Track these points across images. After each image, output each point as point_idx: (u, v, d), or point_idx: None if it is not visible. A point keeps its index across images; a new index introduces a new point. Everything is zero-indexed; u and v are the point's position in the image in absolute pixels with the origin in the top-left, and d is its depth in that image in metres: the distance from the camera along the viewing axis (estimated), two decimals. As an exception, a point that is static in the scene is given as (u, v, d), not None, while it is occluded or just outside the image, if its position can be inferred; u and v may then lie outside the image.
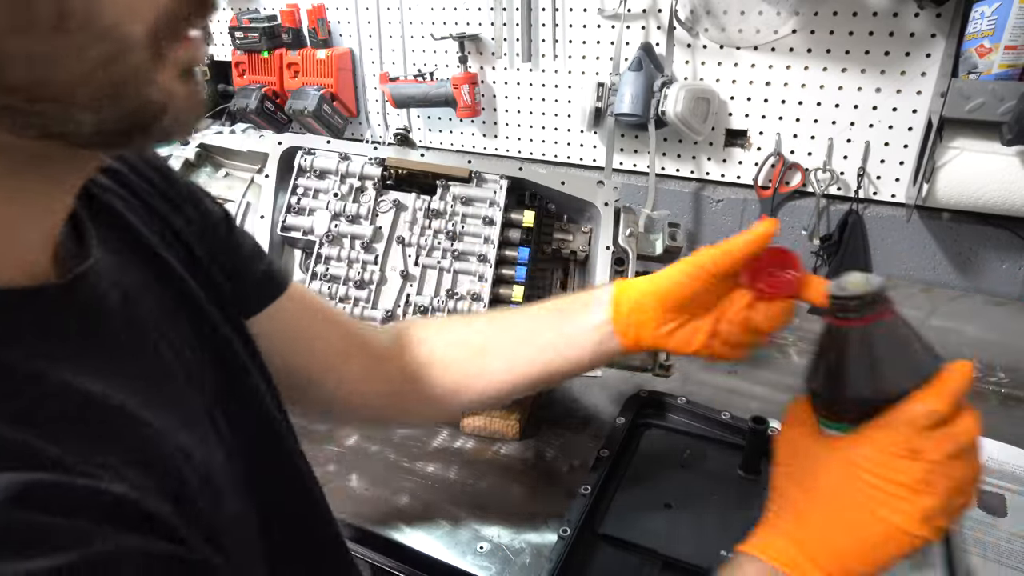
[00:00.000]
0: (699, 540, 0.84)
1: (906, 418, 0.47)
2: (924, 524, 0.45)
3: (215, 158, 1.13)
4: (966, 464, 0.47)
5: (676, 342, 0.62)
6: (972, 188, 1.07)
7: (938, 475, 0.45)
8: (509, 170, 1.03)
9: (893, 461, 0.46)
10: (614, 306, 0.62)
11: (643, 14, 1.31)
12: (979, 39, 0.98)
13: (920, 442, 0.46)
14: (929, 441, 0.46)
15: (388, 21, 1.59)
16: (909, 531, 0.46)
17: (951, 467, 0.46)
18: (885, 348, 0.50)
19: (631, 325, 0.62)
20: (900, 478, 0.46)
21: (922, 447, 0.46)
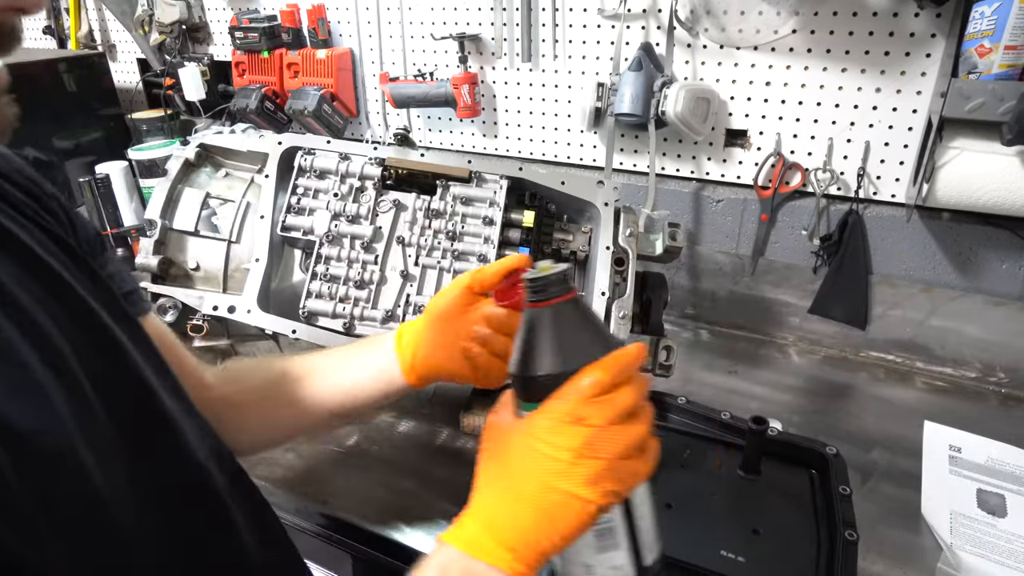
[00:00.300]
0: (699, 540, 0.84)
1: (574, 388, 0.51)
2: (591, 487, 0.49)
3: (215, 158, 1.13)
4: (629, 430, 0.51)
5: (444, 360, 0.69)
6: (972, 188, 1.07)
7: (602, 440, 0.49)
8: (509, 170, 1.03)
9: (561, 428, 0.50)
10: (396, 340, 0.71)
11: (643, 14, 1.31)
12: (979, 39, 0.98)
13: (585, 410, 0.50)
14: (592, 408, 0.50)
15: (388, 21, 1.59)
16: (578, 495, 0.49)
17: (614, 432, 0.50)
18: (564, 328, 0.54)
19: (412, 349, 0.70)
20: (566, 443, 0.49)
21: (586, 414, 0.50)
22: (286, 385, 0.72)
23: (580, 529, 0.51)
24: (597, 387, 0.51)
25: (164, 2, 1.79)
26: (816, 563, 0.81)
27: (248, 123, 1.64)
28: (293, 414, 0.72)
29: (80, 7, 2.09)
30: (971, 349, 1.23)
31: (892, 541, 0.88)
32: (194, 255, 1.07)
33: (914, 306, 1.26)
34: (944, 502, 0.92)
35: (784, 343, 1.39)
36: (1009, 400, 1.20)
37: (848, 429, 1.10)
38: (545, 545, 0.50)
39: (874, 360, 1.31)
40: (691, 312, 1.48)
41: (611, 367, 0.51)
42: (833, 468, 0.94)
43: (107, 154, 1.80)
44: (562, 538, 0.50)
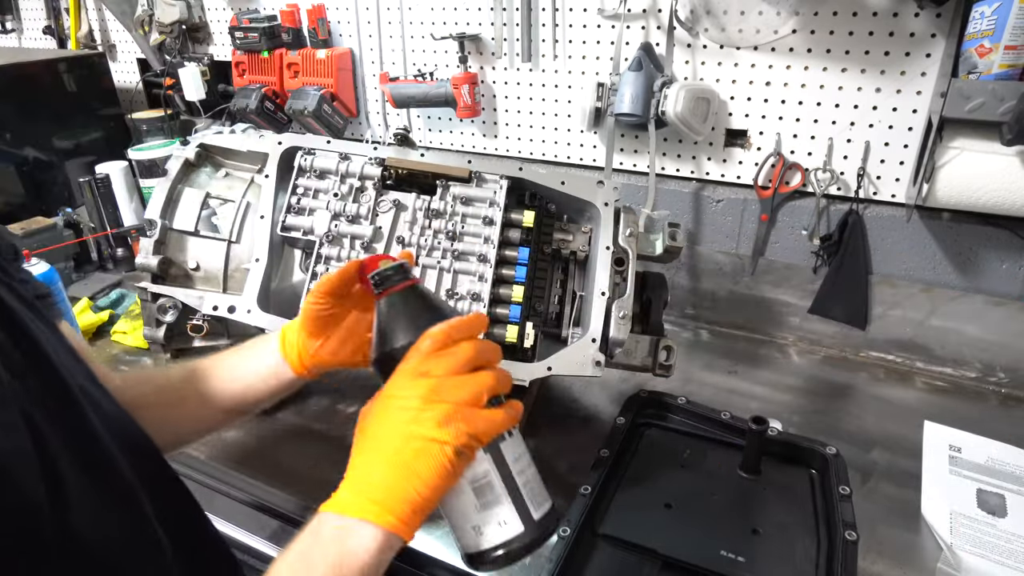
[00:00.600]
0: (699, 540, 0.84)
1: (415, 349, 0.59)
2: (441, 428, 0.54)
3: (215, 158, 1.13)
4: (474, 378, 0.57)
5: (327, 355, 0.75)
6: (972, 188, 1.07)
7: (446, 386, 0.56)
8: (509, 170, 1.03)
9: (408, 382, 0.57)
10: (280, 339, 0.76)
11: (643, 14, 1.31)
12: (979, 39, 0.98)
13: (427, 365, 0.57)
14: (433, 362, 0.57)
15: (388, 21, 1.59)
16: (431, 436, 0.54)
17: (457, 380, 0.57)
18: (406, 310, 0.63)
19: (293, 350, 0.75)
20: (415, 393, 0.56)
21: (429, 368, 0.57)
22: (182, 388, 0.76)
23: (442, 474, 0.54)
24: (435, 344, 0.58)
25: (164, 2, 1.79)
26: (816, 563, 0.81)
27: (248, 123, 1.64)
28: (189, 415, 0.77)
29: (80, 7, 2.09)
30: (971, 349, 1.23)
31: (892, 541, 0.88)
32: (194, 255, 1.07)
33: (914, 306, 1.26)
34: (944, 502, 0.92)
35: (784, 343, 1.39)
36: (1009, 400, 1.20)
37: (848, 429, 1.10)
38: (413, 495, 0.53)
39: (874, 360, 1.31)
40: (691, 312, 1.48)
41: (446, 327, 0.59)
42: (833, 468, 0.94)
43: (107, 154, 1.80)
44: (427, 486, 0.54)
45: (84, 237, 1.64)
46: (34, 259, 1.13)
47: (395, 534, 0.53)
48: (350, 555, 0.52)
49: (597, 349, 0.93)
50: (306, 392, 1.18)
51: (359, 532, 0.53)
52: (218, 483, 1.02)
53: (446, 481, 0.55)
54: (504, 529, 0.60)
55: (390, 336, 0.62)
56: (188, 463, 1.05)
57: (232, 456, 1.04)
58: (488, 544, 0.60)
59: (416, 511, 0.54)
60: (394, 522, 0.53)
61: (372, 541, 0.53)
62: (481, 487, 0.59)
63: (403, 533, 0.54)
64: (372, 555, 0.52)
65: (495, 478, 0.60)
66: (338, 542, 0.53)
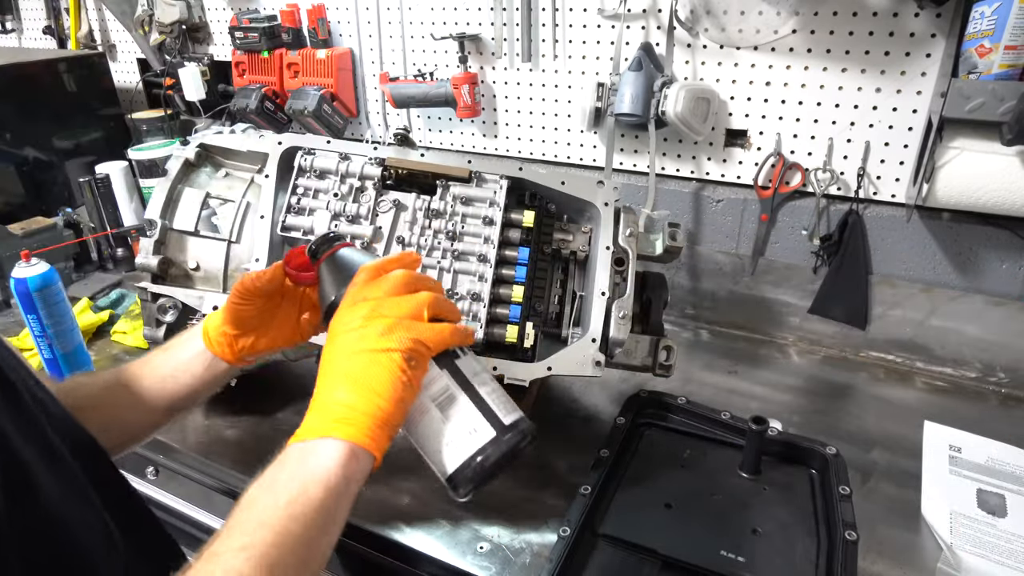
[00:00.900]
0: (699, 540, 0.84)
1: (353, 283, 0.64)
2: (386, 337, 0.57)
3: (215, 158, 1.13)
4: (411, 296, 0.61)
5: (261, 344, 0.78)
6: (972, 188, 1.07)
7: (384, 305, 0.60)
8: (509, 170, 1.03)
9: (350, 310, 0.61)
10: (203, 335, 0.77)
11: (643, 14, 1.31)
12: (979, 39, 0.98)
13: (364, 292, 0.62)
14: (370, 288, 0.62)
15: (388, 21, 1.59)
16: (377, 347, 0.57)
17: (394, 299, 0.61)
18: (342, 267, 0.68)
19: (222, 344, 0.77)
20: (357, 315, 0.60)
21: (366, 294, 0.61)
22: (111, 395, 0.76)
23: (395, 382, 0.56)
24: (368, 274, 0.63)
25: (164, 2, 1.79)
26: (816, 563, 0.81)
27: (248, 123, 1.64)
28: (123, 419, 0.77)
29: (80, 7, 2.09)
30: (971, 349, 1.23)
31: (892, 541, 0.88)
32: (194, 255, 1.07)
33: (914, 306, 1.26)
34: (944, 502, 0.92)
35: (784, 343, 1.39)
36: (1009, 400, 1.20)
37: (848, 429, 1.10)
38: (371, 407, 0.55)
39: (874, 360, 1.31)
40: (691, 312, 1.48)
41: (377, 261, 0.65)
42: (833, 468, 0.94)
43: (107, 154, 1.80)
44: (383, 396, 0.55)
45: (84, 237, 1.64)
46: (34, 259, 1.13)
47: (358, 446, 0.54)
48: (313, 471, 0.53)
49: (597, 349, 0.93)
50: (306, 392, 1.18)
51: (320, 449, 0.54)
52: (218, 483, 1.02)
53: (402, 390, 0.56)
54: (476, 436, 0.60)
55: (331, 291, 0.67)
56: (188, 463, 1.05)
57: (232, 456, 1.04)
58: (464, 456, 0.60)
59: (378, 423, 0.55)
60: (355, 433, 0.54)
61: (335, 453, 0.53)
62: (444, 401, 0.61)
63: (367, 446, 0.54)
64: (336, 467, 0.53)
65: (456, 390, 0.61)
66: (300, 461, 0.54)
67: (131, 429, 0.78)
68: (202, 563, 0.48)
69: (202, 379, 0.78)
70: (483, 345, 0.97)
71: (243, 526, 0.51)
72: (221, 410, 1.14)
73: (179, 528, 1.10)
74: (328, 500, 0.52)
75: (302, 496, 0.52)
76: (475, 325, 0.95)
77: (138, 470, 1.13)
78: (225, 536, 0.50)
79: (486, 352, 0.96)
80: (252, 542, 0.49)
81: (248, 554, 0.48)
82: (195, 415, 1.12)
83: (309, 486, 0.52)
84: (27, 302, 1.12)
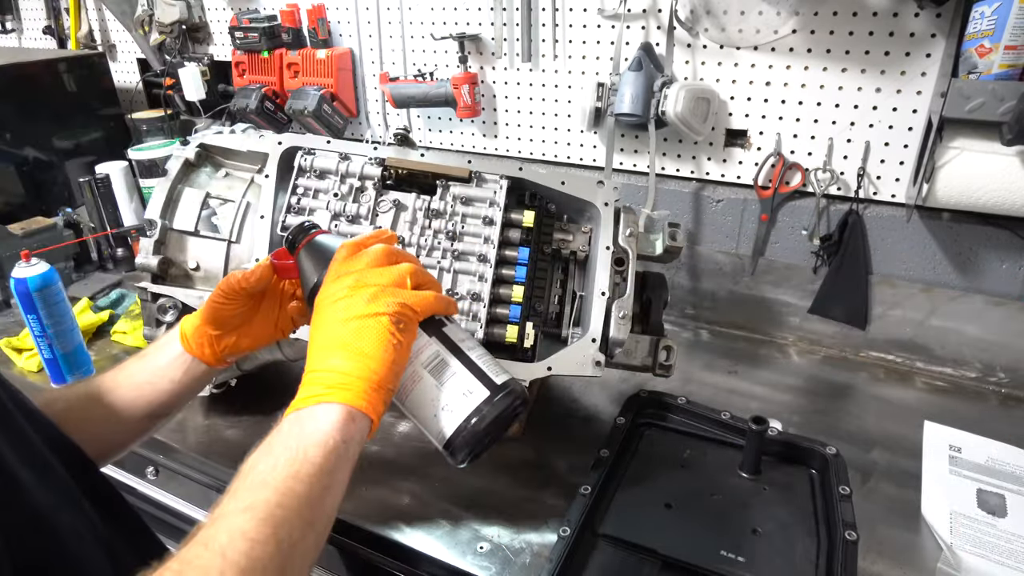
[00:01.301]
0: (699, 540, 0.84)
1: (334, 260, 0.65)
2: (373, 303, 0.59)
3: (215, 158, 1.13)
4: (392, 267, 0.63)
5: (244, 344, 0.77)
6: (972, 188, 1.07)
7: (368, 275, 0.61)
8: (509, 170, 1.03)
9: (334, 283, 0.62)
10: (181, 339, 0.76)
11: (643, 14, 1.31)
12: (979, 39, 0.98)
13: (346, 266, 0.63)
14: (351, 263, 0.63)
15: (388, 21, 1.59)
16: (365, 313, 0.58)
17: (376, 270, 0.62)
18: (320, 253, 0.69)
19: (202, 346, 0.76)
20: (343, 285, 0.61)
21: (349, 268, 0.63)
22: (91, 404, 0.75)
23: (386, 344, 0.57)
24: (348, 250, 0.65)
25: (164, 2, 1.79)
26: (816, 563, 0.81)
27: (248, 123, 1.64)
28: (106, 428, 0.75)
29: (80, 7, 2.09)
30: (971, 349, 1.23)
31: (892, 541, 0.88)
32: (194, 255, 1.07)
33: (914, 306, 1.26)
34: (944, 502, 0.92)
35: (784, 343, 1.39)
36: (1009, 400, 1.20)
37: (848, 429, 1.10)
38: (365, 371, 0.56)
39: (874, 360, 1.31)
40: (691, 312, 1.48)
41: (356, 238, 0.67)
42: (833, 468, 0.94)
43: (107, 154, 1.80)
44: (375, 359, 0.56)
45: (84, 237, 1.64)
46: (34, 259, 1.13)
47: (355, 408, 0.54)
48: (311, 435, 0.53)
49: (597, 349, 0.93)
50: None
51: (317, 414, 0.54)
52: (218, 483, 1.02)
53: (393, 352, 0.57)
54: (470, 398, 0.61)
55: (313, 274, 0.68)
56: (188, 463, 1.05)
57: (232, 456, 1.03)
58: (460, 418, 0.61)
59: (372, 386, 0.56)
60: (350, 396, 0.54)
61: (332, 416, 0.54)
62: (436, 366, 0.62)
63: (363, 408, 0.55)
64: (333, 430, 0.53)
65: (447, 355, 0.63)
66: (298, 427, 0.54)
67: (109, 440, 0.76)
68: (207, 526, 0.48)
69: (181, 383, 0.76)
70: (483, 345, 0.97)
71: (245, 489, 0.51)
72: (221, 410, 1.14)
73: (179, 528, 1.10)
74: (328, 462, 0.53)
75: (302, 458, 0.52)
76: (475, 325, 0.95)
77: (138, 470, 1.13)
78: (228, 499, 0.50)
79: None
80: (255, 502, 0.49)
81: (252, 514, 0.48)
82: (195, 415, 1.13)
83: (308, 448, 0.53)
84: (27, 302, 1.12)
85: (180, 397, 0.78)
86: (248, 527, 0.47)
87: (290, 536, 0.49)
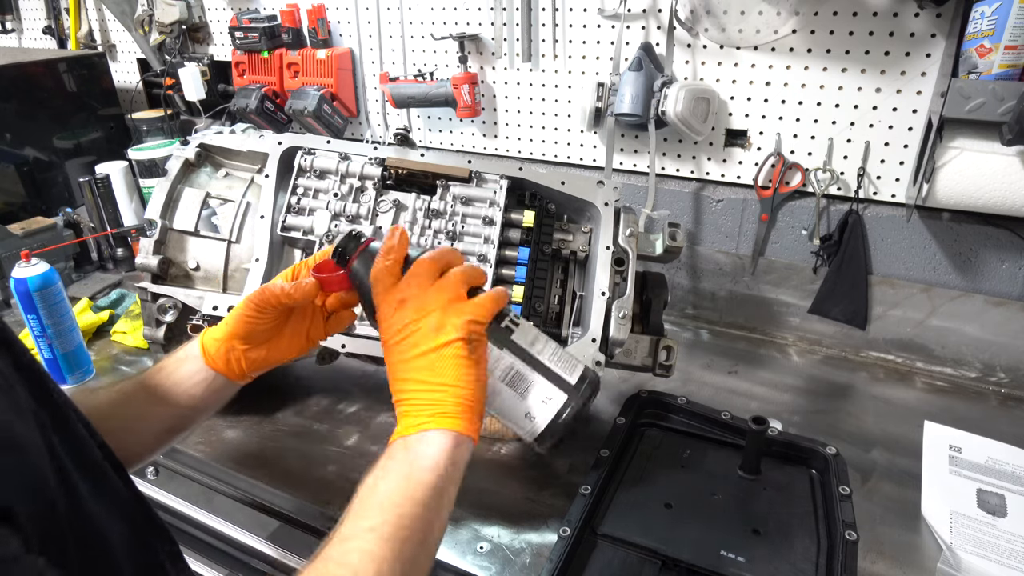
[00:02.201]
0: (699, 540, 0.84)
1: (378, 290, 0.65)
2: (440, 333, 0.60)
3: (215, 158, 1.13)
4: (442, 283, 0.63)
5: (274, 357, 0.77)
6: (972, 188, 1.07)
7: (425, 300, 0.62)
8: (509, 170, 1.03)
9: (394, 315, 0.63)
10: (203, 355, 0.74)
11: (643, 14, 1.31)
12: (979, 39, 0.98)
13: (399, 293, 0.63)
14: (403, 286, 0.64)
15: (388, 21, 1.59)
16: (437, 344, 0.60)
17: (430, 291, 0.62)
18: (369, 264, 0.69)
19: (229, 361, 0.74)
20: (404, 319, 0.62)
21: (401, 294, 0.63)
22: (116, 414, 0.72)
23: (466, 366, 0.60)
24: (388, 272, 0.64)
25: (164, 2, 1.79)
26: (816, 563, 0.81)
27: (248, 123, 1.64)
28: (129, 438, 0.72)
29: (80, 7, 2.09)
30: (971, 349, 1.23)
31: (892, 541, 0.88)
32: (194, 255, 1.07)
33: (914, 306, 1.26)
34: (944, 502, 0.92)
35: (784, 343, 1.39)
36: (1009, 400, 1.20)
37: (848, 429, 1.10)
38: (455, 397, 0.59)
39: (874, 360, 1.31)
40: (691, 312, 1.48)
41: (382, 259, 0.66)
42: (833, 468, 0.94)
43: (107, 154, 1.80)
44: (461, 383, 0.59)
45: (84, 237, 1.64)
46: (34, 259, 1.13)
47: (458, 432, 0.58)
48: (422, 459, 0.57)
49: (597, 349, 0.93)
50: (306, 392, 1.18)
51: (425, 439, 0.58)
52: (218, 483, 1.02)
53: (474, 370, 0.60)
54: (550, 404, 0.66)
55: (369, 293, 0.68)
56: (188, 463, 1.05)
57: (232, 456, 1.04)
58: (544, 422, 0.66)
59: (466, 408, 0.59)
60: (450, 423, 0.58)
61: (439, 442, 0.58)
62: (513, 379, 0.66)
63: (464, 429, 0.59)
64: (442, 454, 0.57)
65: (520, 366, 0.66)
66: (406, 452, 0.58)
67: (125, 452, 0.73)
68: (334, 546, 0.52)
69: (203, 399, 0.75)
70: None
71: (367, 510, 0.55)
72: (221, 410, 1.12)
73: (179, 528, 1.10)
74: (439, 483, 0.57)
75: (416, 481, 0.56)
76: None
77: (138, 470, 1.13)
78: (351, 520, 0.54)
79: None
80: (377, 523, 0.53)
81: (377, 534, 0.52)
82: (195, 415, 1.12)
83: (422, 472, 0.56)
84: (27, 302, 1.12)
85: (201, 412, 0.77)
86: (375, 547, 0.51)
87: (412, 553, 0.53)
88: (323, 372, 1.20)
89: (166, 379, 0.75)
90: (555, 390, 0.66)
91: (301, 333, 0.78)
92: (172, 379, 0.75)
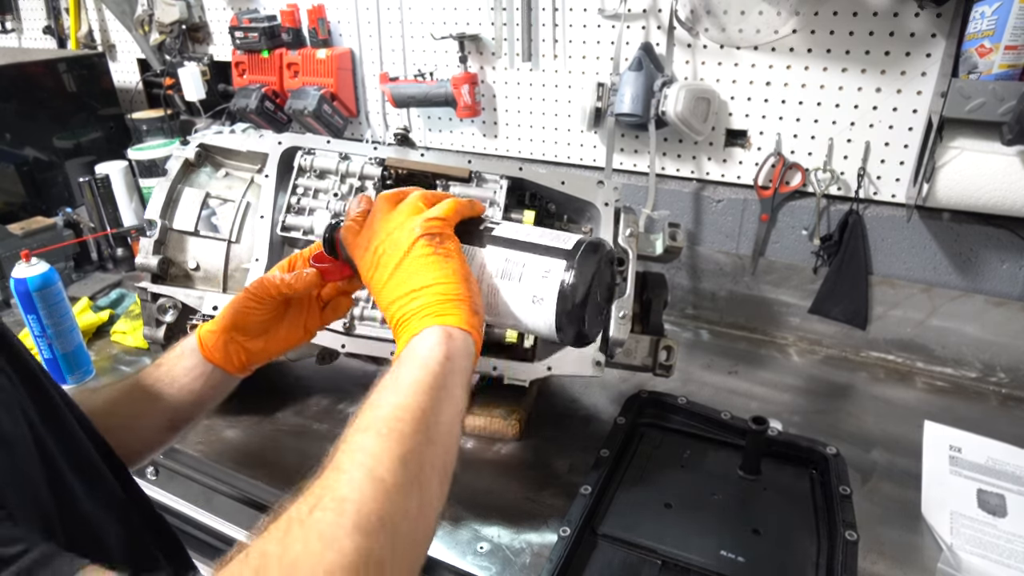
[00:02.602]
0: (699, 540, 0.84)
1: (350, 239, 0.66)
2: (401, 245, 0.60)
3: (215, 158, 1.13)
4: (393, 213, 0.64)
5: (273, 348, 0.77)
6: (972, 188, 1.07)
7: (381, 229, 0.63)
8: (509, 170, 1.03)
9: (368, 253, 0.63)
10: (200, 349, 0.75)
11: (643, 14, 1.31)
12: (979, 39, 0.98)
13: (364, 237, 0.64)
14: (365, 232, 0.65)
15: (388, 21, 1.59)
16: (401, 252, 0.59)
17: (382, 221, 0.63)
18: None
19: (227, 353, 0.75)
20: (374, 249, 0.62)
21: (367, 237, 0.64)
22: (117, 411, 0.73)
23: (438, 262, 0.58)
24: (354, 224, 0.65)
25: (164, 2, 1.79)
26: (816, 563, 0.81)
27: (248, 123, 1.64)
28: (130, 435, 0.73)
29: (80, 7, 2.09)
30: (971, 349, 1.23)
31: (892, 541, 0.88)
32: (194, 255, 1.07)
33: (914, 306, 1.26)
34: (944, 502, 0.92)
35: (784, 343, 1.39)
36: (1009, 400, 1.20)
37: (848, 429, 1.10)
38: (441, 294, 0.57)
39: (874, 360, 1.31)
40: (691, 312, 1.48)
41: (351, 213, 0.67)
42: (833, 468, 0.94)
43: (107, 154, 1.80)
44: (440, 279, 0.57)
45: (84, 237, 1.64)
46: (34, 259, 1.13)
47: (447, 326, 0.56)
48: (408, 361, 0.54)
49: (597, 349, 0.93)
50: (306, 392, 1.18)
51: (415, 344, 0.55)
52: (218, 483, 1.02)
53: (448, 264, 0.58)
54: (551, 277, 0.60)
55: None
56: (188, 463, 1.05)
57: (232, 456, 1.04)
58: (552, 300, 0.60)
59: (449, 300, 0.57)
60: (436, 319, 0.56)
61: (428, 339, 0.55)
62: (504, 270, 0.61)
63: (452, 323, 0.56)
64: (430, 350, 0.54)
65: (509, 253, 0.62)
66: (411, 351, 0.55)
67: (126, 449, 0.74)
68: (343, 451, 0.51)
69: (201, 394, 0.75)
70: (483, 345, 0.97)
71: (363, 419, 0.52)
72: (221, 410, 1.13)
73: (180, 528, 1.10)
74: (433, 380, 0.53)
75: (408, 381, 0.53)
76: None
77: (138, 470, 1.12)
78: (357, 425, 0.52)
79: (486, 353, 0.96)
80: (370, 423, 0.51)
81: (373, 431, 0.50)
82: (195, 415, 1.13)
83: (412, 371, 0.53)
84: (27, 302, 1.12)
85: (200, 407, 0.77)
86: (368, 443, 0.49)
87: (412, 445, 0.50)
88: (323, 372, 1.20)
89: (164, 375, 0.75)
90: (551, 260, 0.60)
91: (299, 324, 0.78)
92: (170, 375, 0.75)
